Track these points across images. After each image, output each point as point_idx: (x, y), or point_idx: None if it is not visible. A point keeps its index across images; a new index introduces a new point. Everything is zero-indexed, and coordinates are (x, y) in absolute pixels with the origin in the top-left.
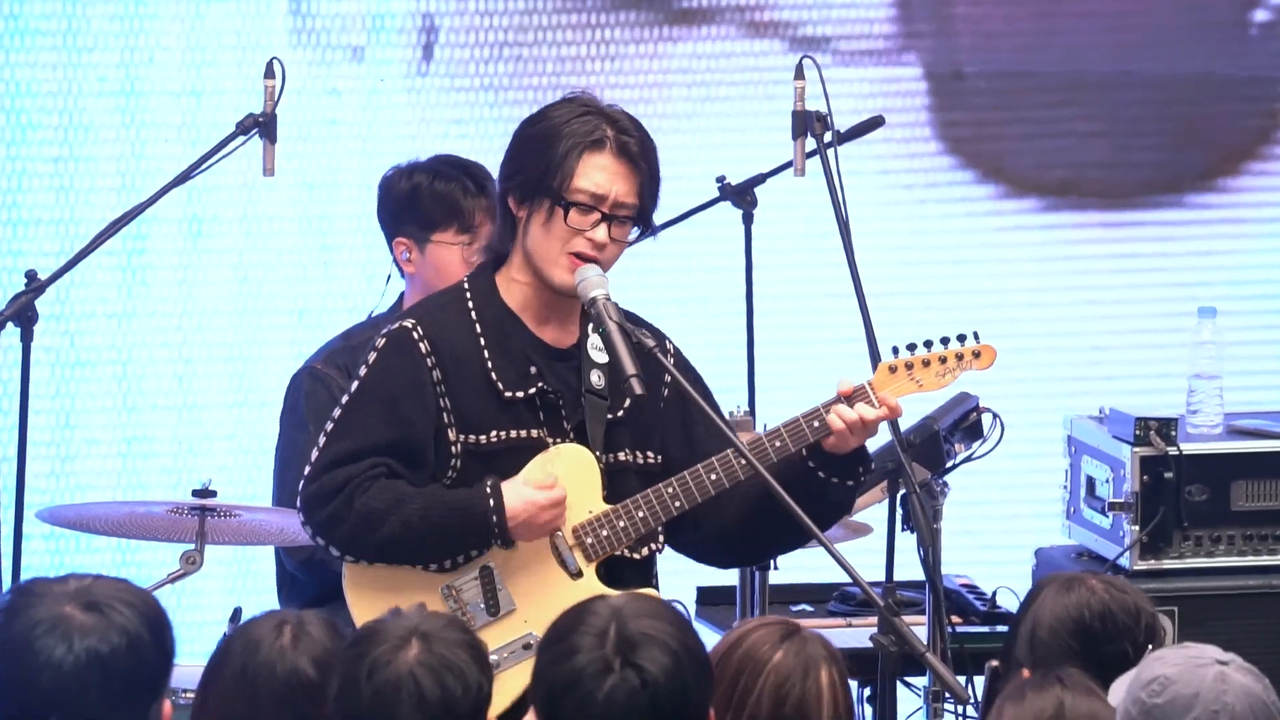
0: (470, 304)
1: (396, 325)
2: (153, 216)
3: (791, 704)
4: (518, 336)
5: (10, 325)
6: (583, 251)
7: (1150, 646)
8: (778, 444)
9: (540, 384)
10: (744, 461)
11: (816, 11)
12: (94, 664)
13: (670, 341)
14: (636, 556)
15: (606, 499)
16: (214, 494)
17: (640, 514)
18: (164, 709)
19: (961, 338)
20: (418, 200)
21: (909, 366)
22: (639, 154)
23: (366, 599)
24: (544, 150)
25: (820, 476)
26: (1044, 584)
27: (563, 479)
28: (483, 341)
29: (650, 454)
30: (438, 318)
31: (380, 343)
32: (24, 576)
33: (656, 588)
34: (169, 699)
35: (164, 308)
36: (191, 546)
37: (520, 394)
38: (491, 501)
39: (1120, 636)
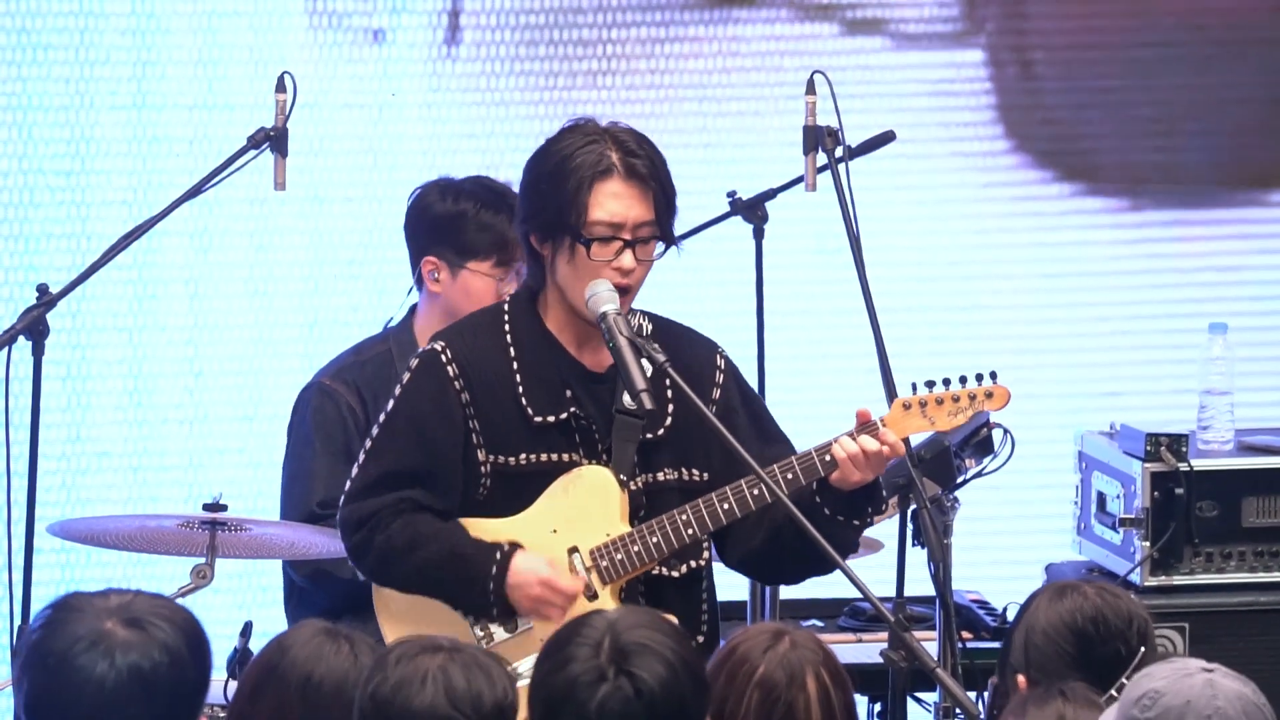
0: (507, 326)
1: (428, 347)
2: (164, 230)
3: (779, 715)
4: (555, 359)
5: (21, 339)
6: (614, 283)
7: (1143, 649)
8: (789, 476)
9: (573, 408)
10: (756, 493)
11: None
12: (136, 680)
13: (723, 355)
14: (675, 574)
15: (644, 519)
16: (224, 508)
17: (654, 539)
18: None
19: (979, 377)
20: (461, 226)
21: (923, 404)
22: (648, 173)
23: (393, 608)
24: (556, 187)
25: (825, 514)
26: (1039, 592)
27: (581, 501)
28: (516, 365)
29: (695, 471)
30: (469, 339)
31: (413, 364)
32: (35, 590)
33: (707, 602)
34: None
35: (175, 321)
36: (202, 560)
37: (551, 418)
38: (495, 568)
39: (1113, 638)
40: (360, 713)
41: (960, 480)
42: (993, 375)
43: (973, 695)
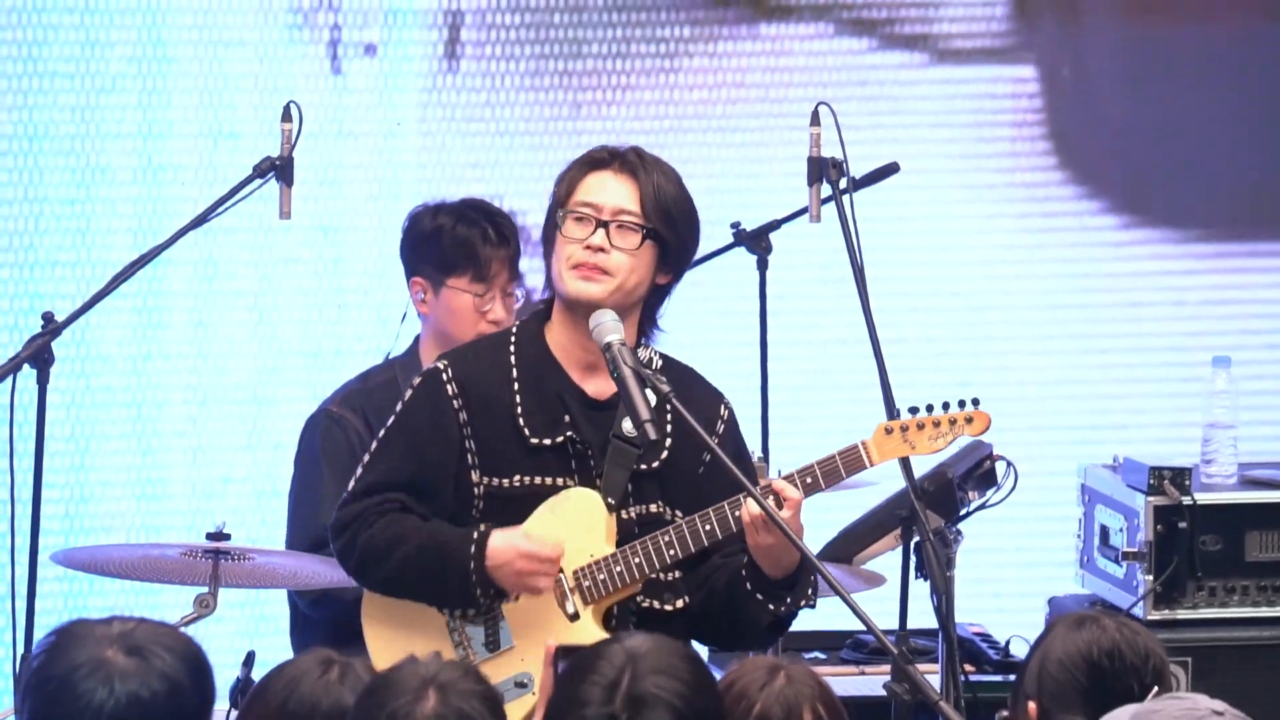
0: (512, 348)
1: (431, 366)
2: (169, 259)
3: None
4: (556, 383)
5: (26, 367)
6: (582, 260)
7: (1156, 689)
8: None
9: (570, 432)
10: (737, 514)
11: (921, 10)
12: (134, 708)
13: (728, 408)
14: (669, 609)
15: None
16: (228, 537)
17: (636, 560)
18: None
19: (961, 403)
20: (438, 242)
21: (904, 429)
22: (642, 167)
23: (379, 628)
24: (555, 189)
25: (747, 588)
26: (1058, 620)
27: (568, 522)
28: (516, 386)
29: (679, 511)
30: (471, 360)
31: (415, 382)
32: (38, 619)
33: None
34: None
35: (179, 350)
36: (205, 589)
37: (548, 441)
38: (474, 548)
39: (1127, 674)
40: None
41: (963, 512)
42: (974, 401)
43: None
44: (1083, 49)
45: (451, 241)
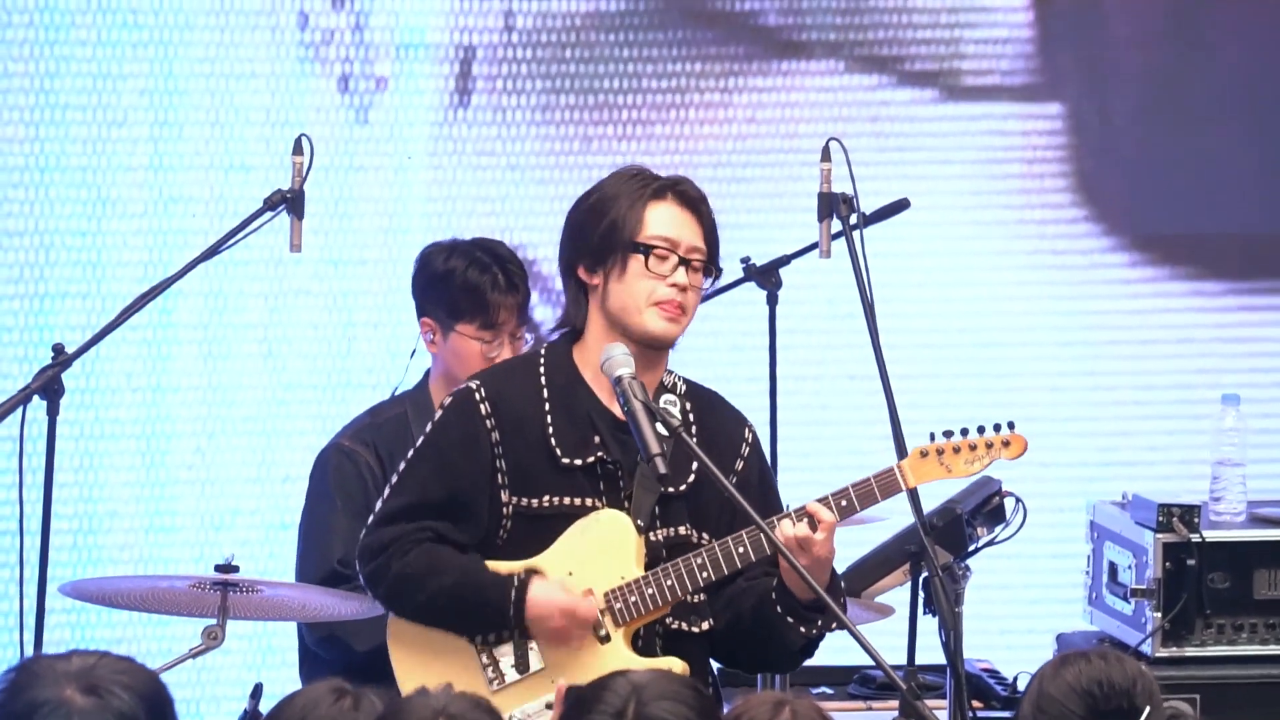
0: (542, 369)
1: (463, 385)
2: (179, 291)
3: None
4: (587, 405)
5: (36, 398)
6: (669, 299)
7: (1148, 709)
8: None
9: (600, 453)
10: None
11: (934, 48)
12: None
13: (751, 430)
14: (695, 630)
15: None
16: (236, 569)
17: (668, 582)
18: None
19: (997, 427)
20: (448, 286)
21: (940, 452)
22: (699, 200)
23: (407, 651)
24: (606, 212)
25: (777, 610)
26: (1042, 668)
27: (598, 543)
28: (548, 406)
29: (706, 534)
30: (503, 379)
31: (446, 401)
32: (46, 650)
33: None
34: None
35: (189, 382)
36: (214, 621)
37: (579, 461)
38: (514, 594)
39: (1119, 696)
40: None
41: (972, 548)
42: (1010, 425)
43: None
44: (1099, 87)
45: (461, 287)
